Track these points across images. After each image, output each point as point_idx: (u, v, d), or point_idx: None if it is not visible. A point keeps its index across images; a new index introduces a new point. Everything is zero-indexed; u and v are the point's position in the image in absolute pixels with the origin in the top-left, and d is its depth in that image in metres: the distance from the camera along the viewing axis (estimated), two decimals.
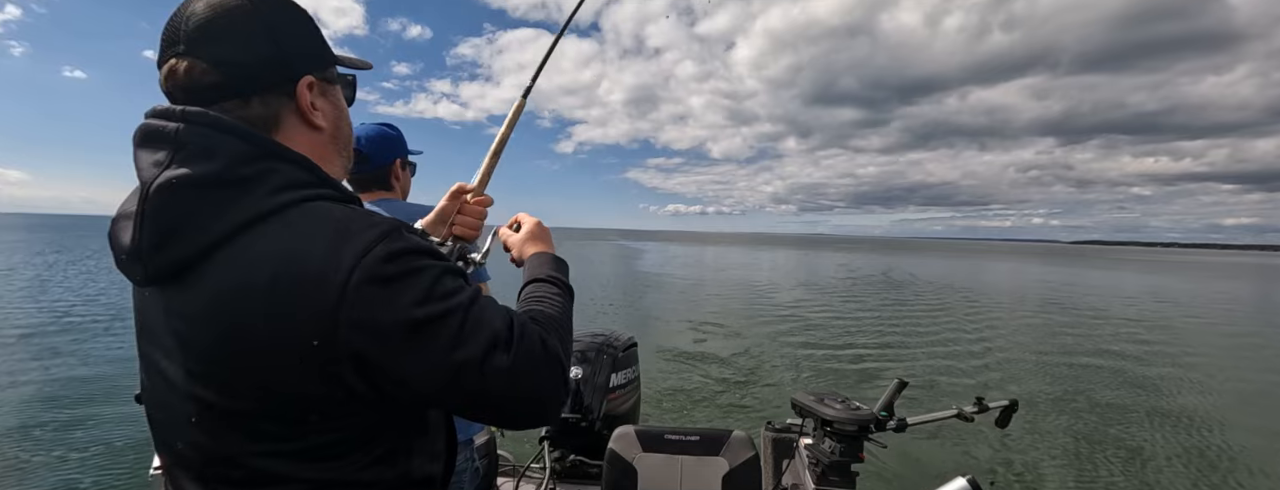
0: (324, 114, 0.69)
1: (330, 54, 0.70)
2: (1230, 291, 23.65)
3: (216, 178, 0.55)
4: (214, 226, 0.55)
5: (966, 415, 1.72)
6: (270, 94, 0.63)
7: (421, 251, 0.58)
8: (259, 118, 0.62)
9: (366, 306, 0.52)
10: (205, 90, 0.60)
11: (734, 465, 1.78)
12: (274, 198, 0.56)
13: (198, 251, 0.55)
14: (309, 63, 0.66)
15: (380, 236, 0.55)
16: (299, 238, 0.54)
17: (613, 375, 2.08)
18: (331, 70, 0.71)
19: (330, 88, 0.71)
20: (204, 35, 0.59)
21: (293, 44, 0.64)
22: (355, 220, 0.57)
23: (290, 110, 0.65)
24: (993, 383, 7.05)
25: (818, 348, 8.82)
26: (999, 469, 4.41)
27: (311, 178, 0.61)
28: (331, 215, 0.57)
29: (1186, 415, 5.91)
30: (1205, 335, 11.25)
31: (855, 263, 38.88)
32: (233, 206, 0.55)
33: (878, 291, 18.36)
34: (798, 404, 1.81)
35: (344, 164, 0.75)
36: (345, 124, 0.74)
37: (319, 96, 0.68)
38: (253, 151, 0.58)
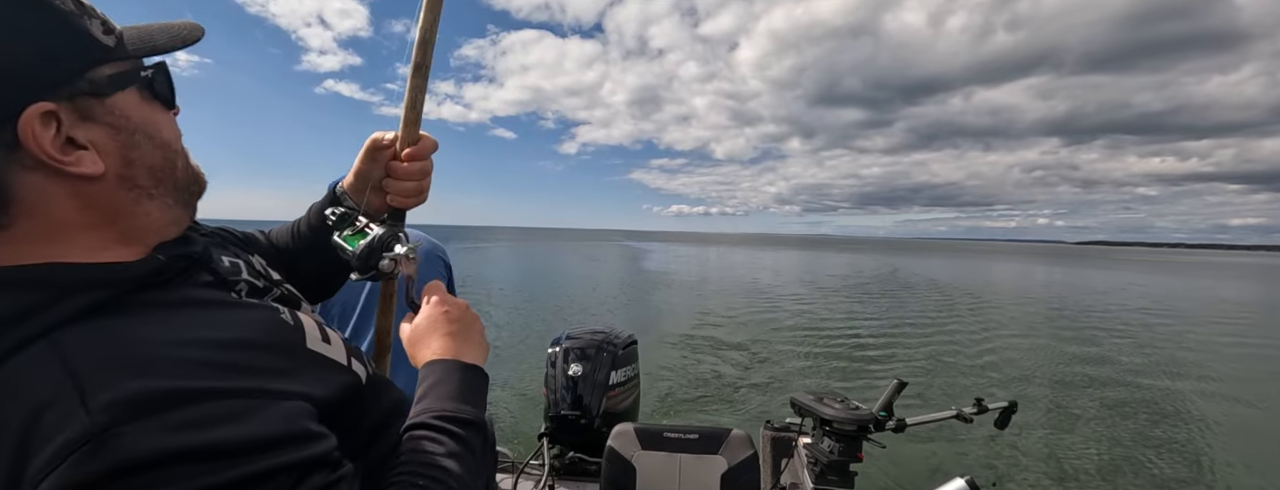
0: (97, 149, 0.44)
1: (95, 47, 0.44)
2: (1236, 292, 23.51)
3: None
4: None
5: (966, 416, 1.72)
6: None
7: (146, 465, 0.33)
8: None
9: None
10: None
11: (733, 464, 1.79)
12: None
13: None
14: (36, 81, 0.41)
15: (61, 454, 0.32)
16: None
17: (612, 373, 2.09)
18: (98, 74, 0.45)
19: (102, 103, 0.45)
20: None
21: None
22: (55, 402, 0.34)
23: (21, 165, 0.41)
24: (992, 384, 7.03)
25: (818, 347, 8.81)
26: (998, 469, 4.40)
27: (29, 299, 0.39)
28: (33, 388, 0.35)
29: (1187, 415, 5.89)
30: (1208, 336, 11.17)
31: (857, 263, 38.81)
32: None
33: (879, 292, 18.31)
34: (797, 403, 1.81)
35: (169, 200, 0.51)
36: (149, 147, 0.49)
37: (78, 124, 0.43)
38: None
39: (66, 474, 0.31)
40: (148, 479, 0.32)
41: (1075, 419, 5.67)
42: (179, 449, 0.34)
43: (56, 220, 0.44)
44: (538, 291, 15.31)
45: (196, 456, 0.34)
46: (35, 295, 0.39)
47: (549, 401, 2.11)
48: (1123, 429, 5.45)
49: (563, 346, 2.13)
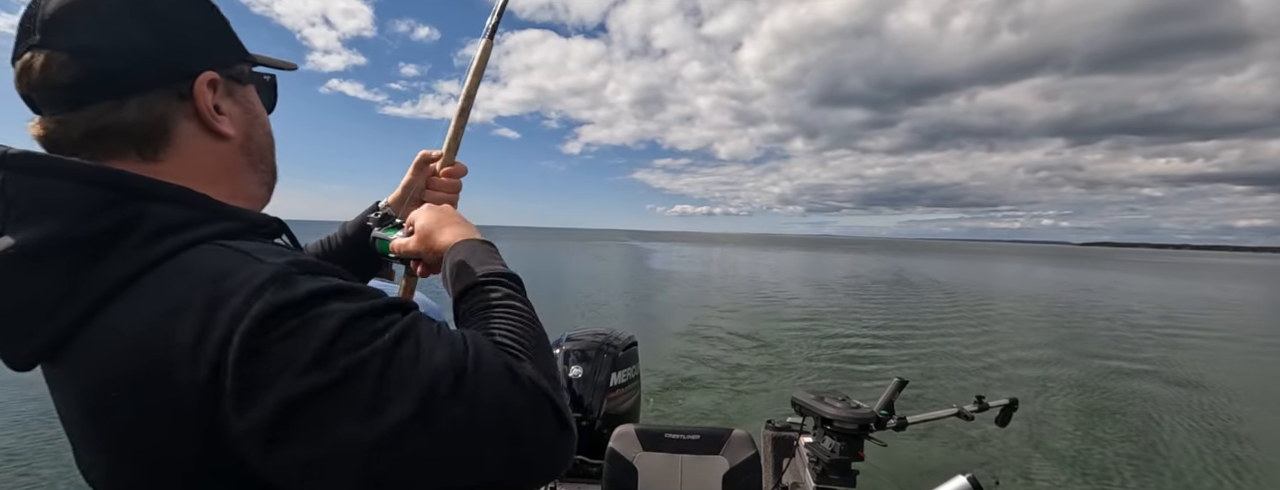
0: (231, 119, 0.56)
1: (241, 49, 0.59)
2: (1241, 293, 23.39)
3: (57, 244, 0.43)
4: (65, 308, 0.43)
5: (967, 414, 1.72)
6: (154, 93, 0.50)
7: (318, 296, 0.43)
8: (138, 124, 0.50)
9: (248, 391, 0.40)
10: (65, 90, 0.48)
11: (734, 464, 1.79)
12: (140, 254, 0.44)
13: (52, 340, 0.44)
14: (208, 56, 0.55)
15: (257, 289, 0.42)
16: (166, 309, 0.42)
17: (613, 374, 2.09)
18: (242, 67, 0.59)
19: (241, 88, 0.59)
20: (63, 20, 0.47)
21: (183, 32, 0.53)
22: (235, 271, 0.43)
23: (184, 114, 0.52)
24: (993, 382, 7.01)
25: (818, 347, 8.81)
26: (1000, 467, 4.38)
27: (193, 215, 0.48)
28: (209, 268, 0.44)
29: (1189, 415, 5.86)
30: (1213, 336, 11.12)
31: (860, 264, 38.74)
32: (84, 277, 0.44)
33: (881, 291, 18.28)
34: (798, 403, 1.81)
35: (262, 179, 0.62)
36: (261, 132, 0.61)
37: (224, 98, 0.56)
38: (105, 198, 0.45)
39: (271, 300, 0.41)
40: (317, 304, 0.43)
41: (1077, 416, 5.66)
42: (330, 287, 0.45)
43: (195, 166, 0.54)
44: (539, 292, 15.32)
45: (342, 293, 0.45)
46: (199, 212, 0.49)
47: None
48: (1124, 426, 5.43)
49: (563, 348, 2.13)
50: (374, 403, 0.41)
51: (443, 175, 0.85)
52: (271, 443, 0.40)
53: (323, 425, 0.40)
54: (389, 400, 0.41)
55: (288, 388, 0.39)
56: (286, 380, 0.40)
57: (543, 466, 0.47)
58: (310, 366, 0.40)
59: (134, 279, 0.44)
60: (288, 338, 0.41)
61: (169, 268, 0.45)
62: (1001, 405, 1.74)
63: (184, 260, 0.45)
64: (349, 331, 0.42)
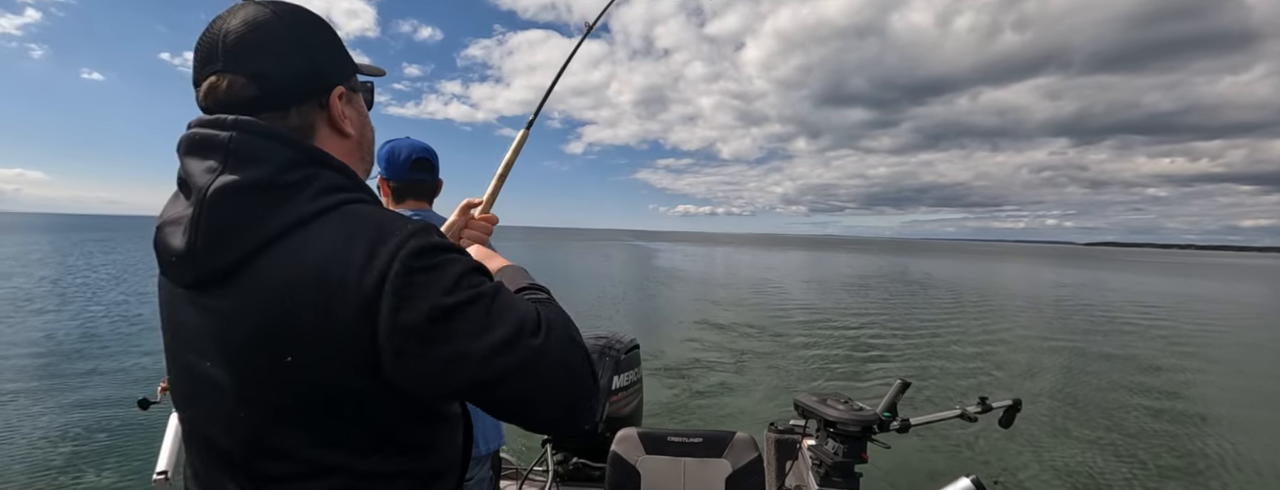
0: (351, 122, 0.72)
1: (353, 63, 0.74)
2: (1249, 294, 23.27)
3: (268, 182, 0.59)
4: (265, 228, 0.58)
5: (970, 415, 1.71)
6: (306, 104, 0.67)
7: (449, 248, 0.62)
8: (297, 127, 0.66)
9: (404, 296, 0.55)
10: (246, 103, 0.63)
11: (737, 467, 1.78)
12: (317, 201, 0.60)
13: (248, 252, 0.58)
14: (338, 73, 0.70)
15: (412, 234, 0.59)
16: (342, 237, 0.58)
17: (615, 377, 2.08)
18: (355, 79, 0.74)
19: (355, 96, 0.74)
20: (242, 51, 0.62)
21: (323, 56, 0.68)
22: (391, 221, 0.61)
23: (323, 119, 0.69)
24: (996, 383, 6.99)
25: (821, 349, 8.79)
26: (1003, 468, 4.36)
27: (349, 183, 0.65)
28: (369, 216, 0.61)
29: (1192, 416, 5.83)
30: (1217, 336, 11.08)
31: (864, 264, 38.65)
32: (281, 209, 0.59)
33: (883, 292, 18.24)
34: (800, 405, 1.81)
35: (366, 168, 0.79)
36: (369, 130, 0.78)
37: (346, 104, 0.71)
38: (298, 158, 0.61)
39: (421, 241, 0.58)
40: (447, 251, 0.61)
41: (1081, 417, 5.64)
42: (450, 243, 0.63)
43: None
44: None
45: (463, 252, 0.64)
46: (351, 181, 0.66)
47: None
48: (1129, 427, 5.40)
49: None
50: (485, 324, 0.57)
51: (480, 219, 1.03)
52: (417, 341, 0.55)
53: (450, 334, 0.56)
54: (494, 326, 0.57)
55: (432, 301, 0.56)
56: (432, 296, 0.56)
57: (581, 403, 0.62)
58: (449, 290, 0.57)
59: (317, 216, 0.59)
60: (432, 269, 0.58)
61: (342, 212, 0.61)
62: (1005, 406, 1.73)
63: (352, 209, 0.62)
64: (469, 275, 0.60)
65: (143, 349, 7.89)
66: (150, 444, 4.29)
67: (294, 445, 0.60)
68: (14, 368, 6.73)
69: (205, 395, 0.63)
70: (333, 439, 0.60)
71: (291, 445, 0.60)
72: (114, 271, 18.69)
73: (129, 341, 8.35)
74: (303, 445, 0.60)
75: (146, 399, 1.70)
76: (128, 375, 6.64)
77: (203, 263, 0.59)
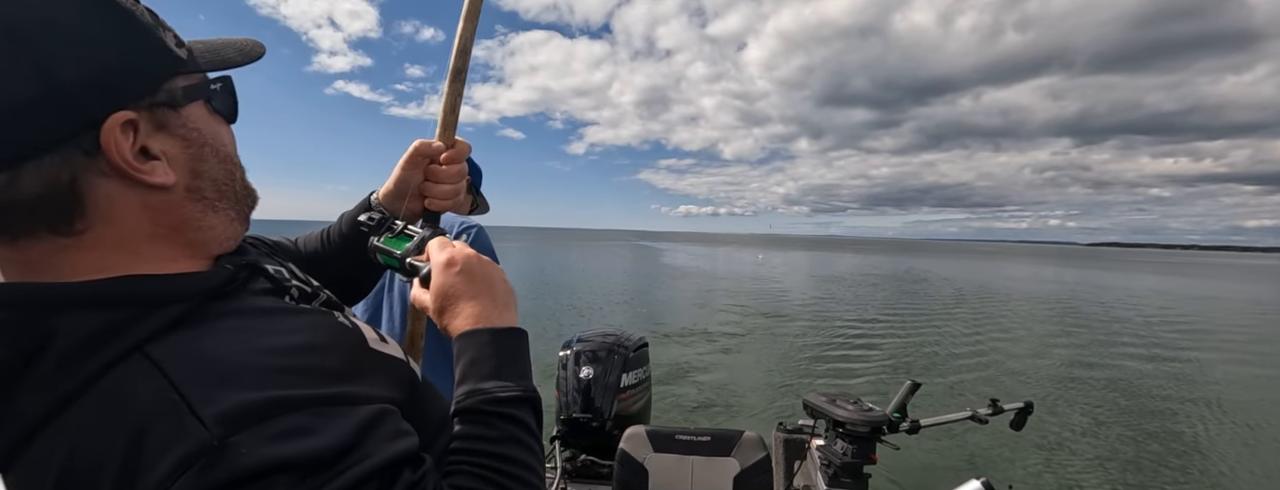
0: (168, 160, 0.45)
1: (171, 59, 0.45)
2: (1255, 293, 23.12)
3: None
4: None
5: (981, 417, 1.70)
6: (53, 155, 0.39)
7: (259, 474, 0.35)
8: (41, 197, 0.39)
9: None
10: None
11: (745, 466, 1.78)
12: (55, 387, 0.37)
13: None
14: (119, 89, 0.41)
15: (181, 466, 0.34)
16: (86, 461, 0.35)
17: (624, 375, 2.09)
18: (174, 86, 0.45)
19: (175, 115, 0.45)
20: None
21: (79, 65, 0.39)
22: (159, 424, 0.35)
23: (98, 173, 0.41)
24: (1008, 385, 6.93)
25: (830, 349, 8.75)
26: (1014, 472, 4.33)
27: (118, 316, 0.39)
28: (140, 400, 0.36)
29: (1207, 418, 5.77)
30: (1230, 338, 10.96)
31: (869, 264, 38.57)
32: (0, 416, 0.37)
33: (891, 293, 18.17)
34: (809, 405, 1.81)
35: (229, 215, 0.51)
36: (215, 160, 0.49)
37: (153, 134, 0.44)
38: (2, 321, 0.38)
39: (192, 482, 0.33)
40: (263, 484, 0.35)
41: (1093, 420, 5.58)
42: (284, 458, 0.36)
43: (128, 229, 0.44)
44: (549, 293, 15.32)
45: (299, 465, 0.36)
46: (122, 311, 0.39)
47: (560, 404, 2.11)
48: (1142, 430, 5.35)
49: (574, 349, 2.13)
50: None
51: (442, 162, 0.72)
52: None
53: None
54: None
55: None
56: None
57: None
58: None
59: (58, 410, 0.37)
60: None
61: (87, 402, 0.37)
62: (1016, 409, 1.73)
63: (106, 389, 0.37)
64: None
65: None
66: None
67: None
68: None
69: None
70: None
71: None
72: None
73: None
74: None
75: None
76: None
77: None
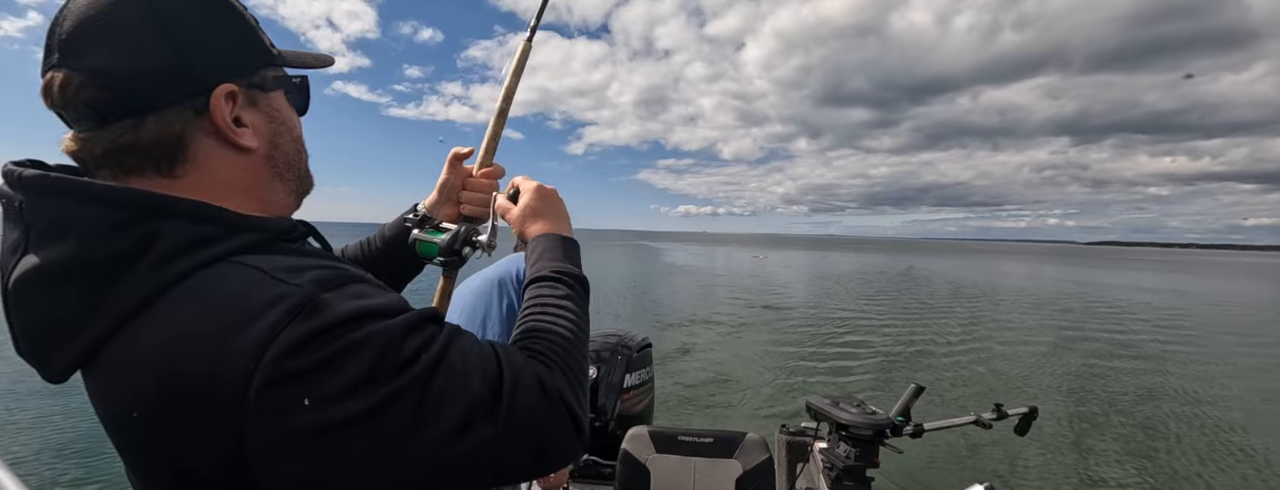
0: (254, 131, 0.55)
1: (266, 52, 0.56)
2: (1257, 293, 23.11)
3: (75, 265, 0.44)
4: (87, 327, 0.44)
5: (985, 422, 1.70)
6: (170, 110, 0.49)
7: (348, 320, 0.43)
8: (156, 142, 0.49)
9: (282, 415, 0.40)
10: (86, 109, 0.47)
11: (748, 468, 1.78)
12: (158, 274, 0.44)
13: (78, 356, 0.45)
14: (227, 67, 0.52)
15: (289, 314, 0.41)
16: (186, 328, 0.42)
17: (627, 375, 2.09)
18: (265, 74, 0.56)
19: (264, 96, 0.56)
20: (80, 40, 0.46)
21: (202, 44, 0.50)
22: (259, 292, 0.43)
23: (202, 130, 0.51)
24: (1012, 389, 6.91)
25: (833, 351, 8.74)
26: (1018, 476, 4.31)
27: (213, 230, 0.48)
28: (230, 288, 0.44)
29: (1215, 424, 5.74)
30: (1232, 339, 10.95)
31: (868, 264, 38.55)
32: (104, 297, 0.44)
33: (894, 294, 18.16)
34: (813, 407, 1.80)
35: (291, 188, 0.61)
36: (288, 139, 0.60)
37: (246, 108, 0.54)
38: (118, 218, 0.44)
39: (297, 329, 0.41)
40: (350, 329, 0.43)
41: (1098, 425, 5.55)
42: (366, 307, 0.45)
43: (216, 179, 0.53)
44: None
45: (378, 312, 0.45)
46: (216, 228, 0.48)
47: None
48: (1147, 436, 5.32)
49: None
50: (415, 423, 0.43)
51: (480, 175, 0.88)
52: (311, 462, 0.41)
53: (359, 449, 0.42)
54: (427, 421, 0.44)
55: (337, 410, 0.41)
56: (333, 405, 0.41)
57: (555, 466, 0.53)
58: (358, 388, 0.41)
59: (151, 301, 0.44)
60: (321, 366, 0.41)
61: (185, 289, 0.44)
62: (1021, 414, 1.72)
63: (200, 281, 0.45)
64: (385, 358, 0.43)
65: None
66: None
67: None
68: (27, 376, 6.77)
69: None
70: None
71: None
72: None
73: None
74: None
75: None
76: None
77: (35, 365, 0.47)
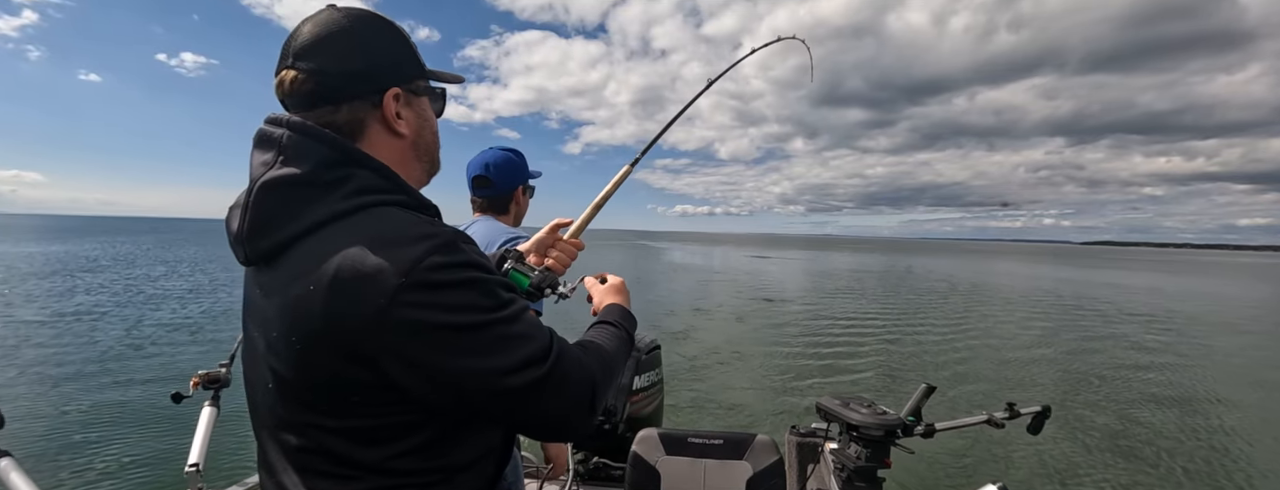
0: (407, 123, 0.74)
1: (421, 68, 0.77)
2: (1259, 292, 23.19)
3: (307, 179, 0.64)
4: (298, 221, 0.63)
5: (997, 421, 1.69)
6: (358, 102, 0.70)
7: (473, 265, 0.62)
8: (346, 123, 0.70)
9: (414, 308, 0.57)
10: (304, 97, 0.68)
11: (758, 469, 1.78)
12: (350, 200, 0.64)
13: (284, 241, 0.63)
14: (396, 75, 0.73)
15: (436, 247, 0.60)
16: (364, 239, 0.59)
17: (636, 378, 2.08)
18: (420, 83, 0.77)
19: (417, 99, 0.77)
20: (306, 50, 0.68)
21: (382, 59, 0.72)
22: (416, 228, 0.62)
23: (375, 118, 0.72)
24: (1024, 388, 6.87)
25: (843, 351, 8.71)
26: (1032, 477, 4.28)
27: (387, 184, 0.68)
28: (397, 222, 0.63)
29: (1230, 423, 5.71)
30: (1239, 339, 10.96)
31: (868, 264, 38.59)
32: (316, 205, 0.63)
33: (899, 294, 18.15)
34: (823, 408, 1.80)
35: (425, 169, 0.81)
36: (428, 132, 0.80)
37: (404, 106, 0.74)
38: (336, 157, 0.66)
39: (444, 253, 0.60)
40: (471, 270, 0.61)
41: (1112, 424, 5.52)
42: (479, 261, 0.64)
43: (379, 153, 0.71)
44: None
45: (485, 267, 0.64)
46: (388, 182, 0.68)
47: None
48: (1163, 435, 5.29)
49: None
50: (489, 349, 0.60)
51: (569, 242, 1.13)
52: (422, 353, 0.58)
53: (453, 349, 0.59)
54: (498, 351, 0.60)
55: (443, 318, 0.58)
56: (441, 311, 0.58)
57: (566, 433, 0.68)
58: (459, 308, 0.59)
59: (348, 214, 0.63)
60: (447, 286, 0.59)
61: (371, 213, 0.64)
62: (1033, 413, 1.72)
63: (381, 212, 0.64)
64: (487, 295, 0.62)
65: (176, 345, 8.02)
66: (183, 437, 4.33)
67: (307, 425, 0.63)
68: (53, 362, 6.79)
69: (253, 363, 0.70)
70: (338, 426, 0.62)
71: (306, 424, 0.63)
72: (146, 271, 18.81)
73: (163, 338, 8.46)
74: (313, 427, 0.63)
75: (179, 392, 1.70)
76: (162, 370, 6.72)
77: (249, 246, 0.65)
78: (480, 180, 1.69)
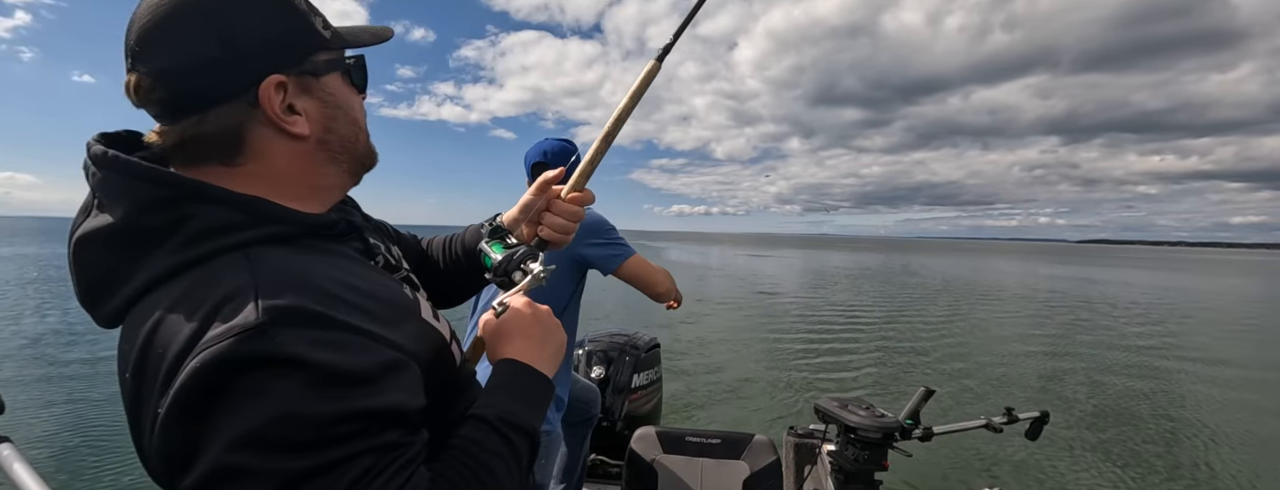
0: (306, 117, 0.57)
1: (316, 39, 0.57)
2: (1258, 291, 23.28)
3: (125, 229, 0.50)
4: (126, 283, 0.50)
5: (995, 426, 1.70)
6: (227, 105, 0.52)
7: (277, 363, 0.42)
8: (218, 135, 0.53)
9: (172, 419, 0.42)
10: (159, 107, 0.52)
11: (755, 469, 1.78)
12: (182, 253, 0.49)
13: (121, 308, 0.51)
14: (277, 57, 0.54)
15: (227, 333, 0.42)
16: (175, 311, 0.46)
17: (634, 376, 2.08)
18: (317, 59, 0.58)
19: (317, 81, 0.58)
20: (144, 44, 0.50)
21: (248, 38, 0.52)
22: (234, 299, 0.45)
23: (258, 121, 0.54)
24: (1022, 392, 6.84)
25: (842, 353, 8.67)
26: (1028, 482, 4.27)
27: (239, 218, 0.51)
28: (221, 286, 0.46)
29: (1233, 428, 5.67)
30: (1239, 339, 10.93)
31: (867, 263, 38.64)
32: (142, 262, 0.49)
33: (897, 295, 18.11)
34: (821, 410, 1.80)
35: (348, 169, 0.63)
36: (344, 121, 0.61)
37: (298, 96, 0.56)
38: (160, 197, 0.49)
39: (231, 347, 0.42)
40: (279, 371, 0.42)
41: (1112, 430, 5.49)
42: (307, 359, 0.43)
43: (272, 167, 0.56)
44: None
45: (315, 369, 0.44)
46: (242, 215, 0.51)
47: None
48: (1163, 442, 5.26)
49: (585, 349, 2.12)
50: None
51: (567, 199, 0.81)
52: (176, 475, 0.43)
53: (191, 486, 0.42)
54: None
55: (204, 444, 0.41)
56: (205, 439, 0.41)
57: None
58: (235, 443, 0.41)
59: (173, 275, 0.49)
60: (228, 396, 0.41)
61: (198, 272, 0.49)
62: (1032, 418, 1.72)
63: (213, 269, 0.49)
64: (278, 427, 0.42)
65: None
66: None
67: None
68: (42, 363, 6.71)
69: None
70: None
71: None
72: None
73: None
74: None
75: None
76: None
77: (94, 315, 0.53)
78: (540, 167, 1.73)
